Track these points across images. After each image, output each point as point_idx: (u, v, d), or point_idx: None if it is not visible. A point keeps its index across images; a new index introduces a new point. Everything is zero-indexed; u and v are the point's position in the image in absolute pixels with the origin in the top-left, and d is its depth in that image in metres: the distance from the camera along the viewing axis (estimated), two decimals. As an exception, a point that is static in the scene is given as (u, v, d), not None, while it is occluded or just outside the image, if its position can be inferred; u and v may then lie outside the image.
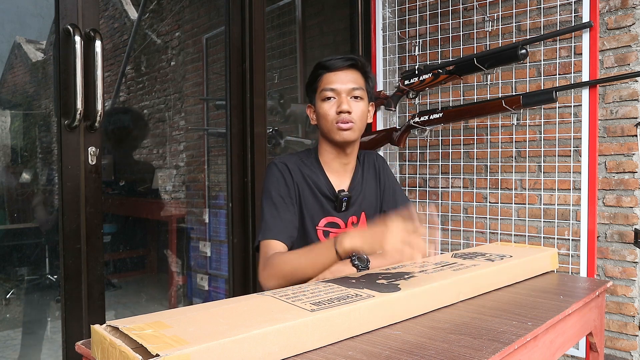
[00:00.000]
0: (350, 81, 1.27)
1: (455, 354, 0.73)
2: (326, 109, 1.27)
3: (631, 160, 1.98)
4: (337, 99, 1.27)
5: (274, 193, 1.26)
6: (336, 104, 1.26)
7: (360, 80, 1.29)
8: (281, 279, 1.12)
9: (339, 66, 1.27)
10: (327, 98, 1.27)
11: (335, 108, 1.26)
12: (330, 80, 1.27)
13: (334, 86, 1.27)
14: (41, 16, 1.96)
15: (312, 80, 1.32)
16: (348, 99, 1.26)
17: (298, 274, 1.11)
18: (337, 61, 1.28)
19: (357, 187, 1.36)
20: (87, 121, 1.48)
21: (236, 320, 0.72)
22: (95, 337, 0.70)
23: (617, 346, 2.01)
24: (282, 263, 1.13)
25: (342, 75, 1.27)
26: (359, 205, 1.35)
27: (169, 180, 2.86)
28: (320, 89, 1.29)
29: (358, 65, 1.30)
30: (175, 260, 2.80)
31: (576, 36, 2.00)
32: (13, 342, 2.02)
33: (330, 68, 1.28)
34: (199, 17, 2.94)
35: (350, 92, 1.27)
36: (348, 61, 1.28)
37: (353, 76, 1.28)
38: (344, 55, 1.30)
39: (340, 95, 1.26)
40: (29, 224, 2.00)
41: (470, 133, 2.35)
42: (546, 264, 1.31)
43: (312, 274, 1.11)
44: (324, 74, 1.29)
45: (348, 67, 1.28)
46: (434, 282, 0.95)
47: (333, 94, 1.27)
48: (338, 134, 1.26)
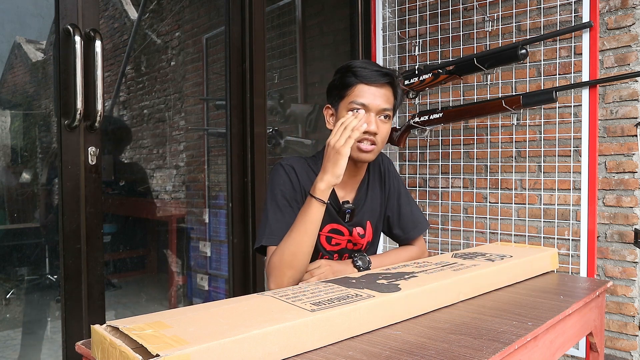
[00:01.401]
0: (383, 100, 1.21)
1: (455, 354, 0.73)
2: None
3: (631, 160, 1.98)
4: (366, 115, 1.20)
5: (280, 195, 1.23)
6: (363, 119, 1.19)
7: (391, 99, 1.24)
8: (289, 269, 1.11)
9: (375, 81, 1.20)
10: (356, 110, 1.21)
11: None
12: (362, 94, 1.20)
13: (366, 101, 1.20)
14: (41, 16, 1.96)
15: (341, 85, 1.23)
16: (377, 118, 1.20)
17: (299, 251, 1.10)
18: (374, 74, 1.21)
19: (362, 198, 1.33)
20: (87, 121, 1.48)
21: (236, 320, 0.72)
22: (95, 337, 0.70)
23: (617, 346, 2.01)
24: (280, 254, 1.11)
25: (376, 92, 1.20)
26: (363, 215, 1.32)
27: (169, 180, 2.86)
28: (350, 100, 1.21)
29: (393, 82, 1.23)
30: (175, 260, 2.80)
31: (576, 36, 2.00)
32: (13, 342, 2.02)
33: (366, 80, 1.20)
34: (199, 17, 2.94)
35: (381, 112, 1.21)
36: (385, 77, 1.21)
37: (386, 94, 1.22)
38: (380, 69, 1.23)
39: (370, 113, 1.20)
40: (29, 224, 2.00)
41: (470, 133, 2.35)
42: (546, 264, 1.31)
43: (309, 241, 1.11)
44: (357, 83, 1.21)
45: (384, 84, 1.21)
46: (434, 282, 0.95)
47: (362, 108, 1.20)
48: (357, 154, 1.21)
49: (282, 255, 1.11)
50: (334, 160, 1.09)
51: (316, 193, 1.09)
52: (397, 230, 1.38)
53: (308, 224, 1.09)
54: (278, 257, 1.11)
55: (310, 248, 1.11)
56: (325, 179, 1.09)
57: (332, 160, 1.10)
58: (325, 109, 1.29)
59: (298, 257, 1.10)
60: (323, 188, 1.09)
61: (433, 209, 2.48)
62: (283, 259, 1.10)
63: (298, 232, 1.10)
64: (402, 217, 1.37)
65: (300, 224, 1.10)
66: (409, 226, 1.38)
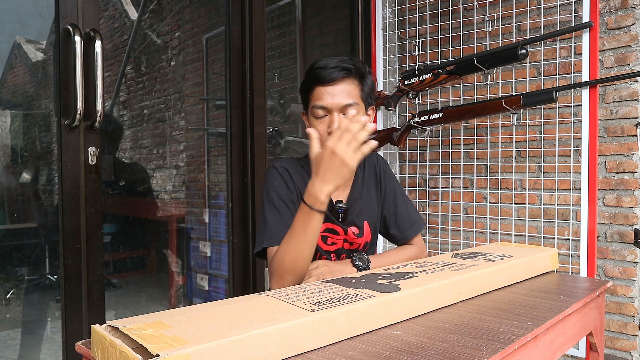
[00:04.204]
0: (343, 96, 1.17)
1: (455, 354, 0.73)
2: (317, 126, 1.18)
3: (631, 160, 1.98)
4: (330, 117, 1.17)
5: (276, 197, 1.22)
6: (328, 122, 1.17)
7: (355, 91, 1.19)
8: (290, 274, 1.09)
9: (332, 78, 1.17)
10: (319, 116, 1.18)
11: (326, 127, 1.17)
12: (321, 96, 1.17)
13: (325, 103, 1.17)
14: (41, 16, 1.96)
15: (304, 90, 1.23)
16: (341, 116, 1.16)
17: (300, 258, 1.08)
18: (328, 73, 1.16)
19: (356, 197, 1.31)
20: (87, 121, 1.48)
21: (236, 320, 0.72)
22: (95, 337, 0.70)
23: (617, 346, 2.01)
24: (280, 260, 1.10)
25: (334, 90, 1.17)
26: (359, 215, 1.31)
27: (169, 180, 2.86)
28: (312, 105, 1.19)
29: (352, 72, 1.19)
30: (175, 260, 2.80)
31: (576, 36, 2.00)
32: (13, 342, 2.02)
33: (321, 82, 1.17)
34: (199, 17, 2.94)
35: (344, 108, 1.17)
36: (341, 73, 1.17)
37: (347, 88, 1.18)
38: (337, 63, 1.18)
39: (332, 113, 1.17)
40: (29, 224, 2.00)
41: (470, 133, 2.35)
42: (546, 264, 1.31)
43: (309, 250, 1.08)
44: (315, 86, 1.19)
45: (342, 78, 1.17)
46: (434, 282, 0.95)
47: (324, 112, 1.18)
48: None
49: (282, 262, 1.10)
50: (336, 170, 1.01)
51: (315, 205, 1.03)
52: (394, 230, 1.38)
53: (308, 234, 1.06)
54: (279, 262, 1.11)
55: (310, 255, 1.09)
56: (325, 190, 1.02)
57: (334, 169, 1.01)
58: (303, 115, 1.29)
59: (299, 264, 1.09)
60: (323, 199, 1.02)
61: (433, 209, 2.48)
62: (284, 265, 1.09)
63: (298, 241, 1.07)
64: (399, 217, 1.37)
65: (300, 233, 1.07)
66: (406, 226, 1.37)
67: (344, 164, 1.00)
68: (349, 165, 1.00)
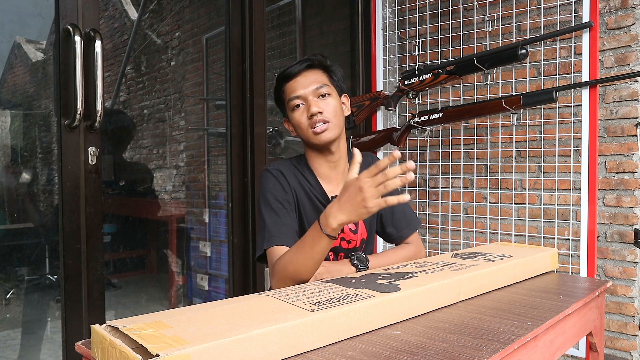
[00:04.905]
0: (311, 82, 1.25)
1: (455, 354, 0.73)
2: (298, 118, 1.25)
3: (631, 160, 1.98)
4: (305, 104, 1.24)
5: (272, 199, 1.24)
6: (305, 109, 1.24)
7: (322, 78, 1.27)
8: (290, 281, 1.11)
9: (296, 72, 1.26)
10: (296, 106, 1.25)
11: (305, 114, 1.24)
12: (292, 89, 1.25)
13: (298, 93, 1.24)
14: (41, 16, 1.96)
15: (277, 94, 1.31)
16: (315, 99, 1.24)
17: (303, 271, 1.09)
18: (293, 67, 1.26)
19: None
20: (87, 121, 1.48)
21: (236, 320, 0.72)
22: (95, 337, 0.70)
23: (617, 346, 2.01)
24: (284, 266, 1.11)
25: (302, 79, 1.25)
26: None
27: (169, 180, 2.86)
28: (287, 100, 1.27)
29: (315, 63, 1.28)
30: (175, 260, 2.80)
31: (576, 36, 2.00)
32: (13, 342, 2.02)
33: (289, 77, 1.26)
34: (199, 17, 2.94)
35: (315, 92, 1.24)
36: (304, 63, 1.26)
37: (314, 76, 1.26)
38: (299, 60, 1.29)
39: (307, 99, 1.24)
40: (29, 224, 2.00)
41: (470, 133, 2.35)
42: (546, 264, 1.31)
43: (314, 266, 1.09)
44: (285, 84, 1.27)
45: (305, 69, 1.26)
46: (434, 282, 0.95)
47: (300, 100, 1.24)
48: (316, 138, 1.23)
49: (285, 268, 1.11)
50: (355, 206, 1.01)
51: (326, 229, 1.04)
52: (390, 229, 1.38)
53: (315, 253, 1.07)
54: (282, 267, 1.11)
55: (313, 270, 1.10)
56: (339, 219, 1.03)
57: (353, 204, 1.01)
58: (285, 123, 1.34)
59: (300, 275, 1.10)
60: (334, 227, 1.03)
61: (433, 209, 2.48)
62: (286, 272, 1.10)
63: (304, 256, 1.08)
64: (395, 215, 1.37)
65: (307, 248, 1.08)
66: (402, 224, 1.38)
67: (365, 205, 1.00)
68: (368, 207, 1.00)
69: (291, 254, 1.11)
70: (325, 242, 1.05)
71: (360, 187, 1.00)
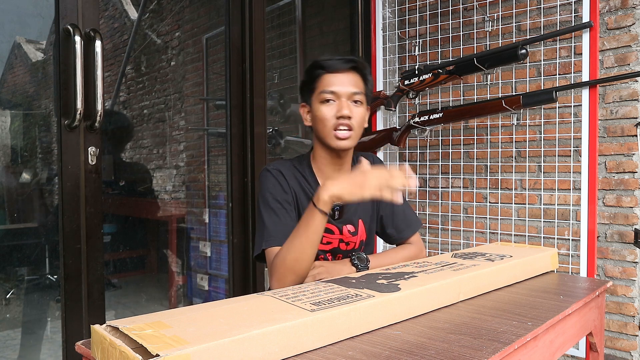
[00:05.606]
0: (351, 84, 1.22)
1: (455, 354, 0.73)
2: (325, 113, 1.21)
3: (631, 160, 1.98)
4: (337, 102, 1.21)
5: (272, 199, 1.23)
6: (336, 107, 1.21)
7: (360, 84, 1.24)
8: (291, 274, 1.09)
9: (339, 68, 1.22)
10: (326, 100, 1.22)
11: (334, 112, 1.21)
12: (330, 82, 1.22)
13: (334, 88, 1.21)
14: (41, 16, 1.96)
15: (309, 79, 1.26)
16: (348, 103, 1.21)
17: (301, 258, 1.08)
18: (337, 62, 1.23)
19: None
20: (87, 121, 1.48)
21: (236, 320, 0.72)
22: (95, 337, 0.70)
23: (617, 346, 2.01)
24: (282, 259, 1.10)
25: (343, 78, 1.22)
26: (354, 213, 1.31)
27: (169, 180, 2.86)
28: (319, 91, 1.23)
29: (359, 67, 1.25)
30: (175, 260, 2.80)
31: (576, 36, 2.00)
32: (13, 342, 2.02)
33: (331, 69, 1.22)
34: (199, 17, 2.94)
35: (351, 96, 1.22)
36: (349, 63, 1.23)
37: (354, 79, 1.23)
38: (344, 57, 1.25)
39: (341, 99, 1.21)
40: (29, 224, 2.01)
41: (470, 133, 2.35)
42: (546, 264, 1.31)
43: (311, 249, 1.09)
44: (323, 74, 1.23)
45: (349, 70, 1.23)
46: (434, 282, 0.95)
47: (333, 96, 1.21)
48: (335, 142, 1.22)
49: (284, 261, 1.10)
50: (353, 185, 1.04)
51: (319, 204, 1.05)
52: (390, 230, 1.38)
53: (310, 233, 1.07)
54: (280, 261, 1.10)
55: (312, 255, 1.10)
56: (330, 191, 1.04)
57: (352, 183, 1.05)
58: (301, 108, 1.31)
59: (300, 263, 1.09)
60: (326, 199, 1.04)
61: (433, 209, 2.48)
62: (285, 264, 1.09)
63: (300, 240, 1.08)
64: (396, 217, 1.37)
65: (302, 232, 1.08)
66: (402, 225, 1.37)
67: (363, 187, 1.03)
68: (364, 190, 1.03)
69: (287, 243, 1.11)
70: (318, 218, 1.06)
71: (365, 172, 1.05)
